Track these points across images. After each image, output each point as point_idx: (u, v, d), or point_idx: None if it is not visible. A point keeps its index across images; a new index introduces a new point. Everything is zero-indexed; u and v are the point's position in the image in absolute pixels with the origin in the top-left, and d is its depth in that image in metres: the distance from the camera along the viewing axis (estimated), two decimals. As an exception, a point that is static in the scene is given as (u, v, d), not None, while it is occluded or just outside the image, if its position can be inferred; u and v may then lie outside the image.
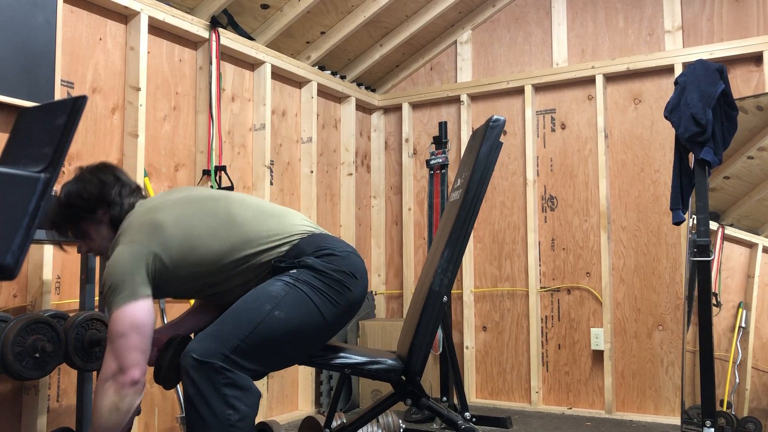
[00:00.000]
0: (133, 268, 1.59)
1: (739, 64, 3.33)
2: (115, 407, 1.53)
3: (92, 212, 1.74)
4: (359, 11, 3.57)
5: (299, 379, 3.53)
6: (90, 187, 1.75)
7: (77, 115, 1.38)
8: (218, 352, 1.49)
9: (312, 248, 1.67)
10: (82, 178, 1.78)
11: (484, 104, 4.00)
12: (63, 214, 1.76)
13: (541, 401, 3.67)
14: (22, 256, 1.20)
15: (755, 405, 2.85)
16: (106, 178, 1.77)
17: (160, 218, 1.66)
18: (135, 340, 1.55)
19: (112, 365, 1.54)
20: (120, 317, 1.55)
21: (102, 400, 1.53)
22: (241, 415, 1.47)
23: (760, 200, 3.02)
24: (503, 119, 1.84)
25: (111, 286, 1.58)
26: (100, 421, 1.54)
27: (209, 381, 1.47)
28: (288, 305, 1.58)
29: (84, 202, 1.73)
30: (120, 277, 1.58)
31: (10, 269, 1.18)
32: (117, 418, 1.53)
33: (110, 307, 1.58)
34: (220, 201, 1.73)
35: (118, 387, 1.52)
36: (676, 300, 3.40)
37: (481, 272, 3.93)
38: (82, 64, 2.59)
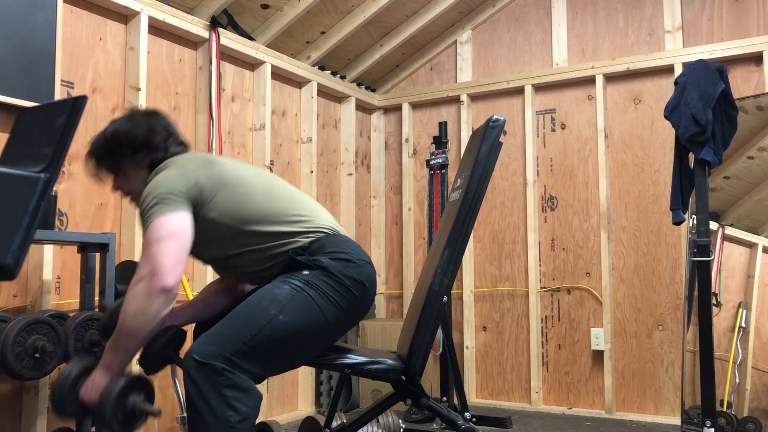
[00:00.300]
0: (177, 187, 1.62)
1: (739, 64, 3.33)
2: (141, 310, 1.51)
3: (134, 153, 1.76)
4: (359, 11, 3.57)
5: (299, 379, 3.53)
6: (137, 129, 1.76)
7: (77, 115, 1.38)
8: (219, 354, 1.49)
9: (331, 248, 1.67)
10: (132, 118, 1.80)
11: (484, 104, 4.00)
12: (105, 148, 1.77)
13: (541, 401, 3.67)
14: (22, 256, 1.20)
15: (755, 405, 2.85)
16: (155, 123, 1.79)
17: (215, 159, 1.74)
18: (172, 246, 1.54)
19: (145, 270, 1.51)
20: (159, 224, 1.55)
21: (129, 302, 1.52)
22: (241, 417, 1.47)
23: (760, 200, 3.02)
24: (503, 119, 1.83)
25: (151, 200, 1.58)
26: (124, 322, 1.52)
27: (210, 382, 1.47)
28: (293, 309, 1.57)
29: (128, 143, 1.75)
30: (163, 191, 1.59)
31: (10, 269, 1.18)
32: (142, 321, 1.51)
33: (149, 219, 1.57)
34: (265, 173, 1.80)
35: (148, 291, 1.50)
36: (676, 300, 3.40)
37: (481, 272, 3.93)
38: (82, 64, 2.59)
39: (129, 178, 1.78)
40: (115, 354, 1.56)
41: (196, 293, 2.93)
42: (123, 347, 1.55)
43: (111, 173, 1.80)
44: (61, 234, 2.20)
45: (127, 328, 1.53)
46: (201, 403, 1.46)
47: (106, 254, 2.19)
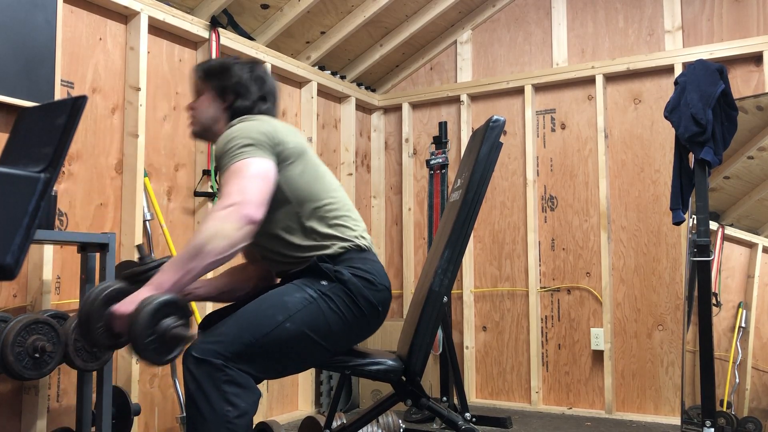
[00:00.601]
0: (267, 137, 1.64)
1: (739, 64, 3.33)
2: (222, 233, 1.44)
3: (224, 90, 1.80)
4: (359, 11, 3.57)
5: (299, 379, 3.53)
6: (243, 72, 1.81)
7: (77, 115, 1.38)
8: (219, 353, 1.48)
9: (357, 264, 1.67)
10: (246, 63, 1.85)
11: (484, 104, 4.00)
12: (210, 70, 1.83)
13: (541, 401, 3.67)
14: (22, 256, 1.20)
15: (755, 405, 2.85)
16: (259, 78, 1.83)
17: (297, 131, 1.79)
18: (263, 186, 1.55)
19: (233, 198, 1.47)
20: (251, 164, 1.56)
21: (210, 222, 1.45)
22: (239, 412, 1.47)
23: (760, 200, 3.02)
24: (503, 120, 1.83)
25: (243, 140, 1.60)
26: (198, 241, 1.43)
27: (210, 378, 1.47)
28: (301, 319, 1.56)
29: (227, 78, 1.80)
30: (255, 135, 1.62)
31: (10, 269, 1.18)
32: (219, 244, 1.43)
33: (239, 156, 1.56)
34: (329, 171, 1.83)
35: (237, 216, 1.45)
36: (676, 300, 3.40)
37: (481, 272, 3.93)
38: (82, 64, 2.59)
39: (208, 107, 1.82)
40: (174, 273, 1.44)
41: (196, 293, 2.93)
42: (187, 267, 1.44)
43: (198, 93, 1.85)
44: (61, 234, 2.20)
45: (199, 246, 1.43)
46: (200, 398, 1.46)
47: (105, 254, 2.19)
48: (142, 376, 2.73)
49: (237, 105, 1.79)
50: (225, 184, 1.54)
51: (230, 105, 1.80)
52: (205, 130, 1.84)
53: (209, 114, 1.81)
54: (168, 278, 1.44)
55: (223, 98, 1.81)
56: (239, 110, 1.79)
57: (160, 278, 1.44)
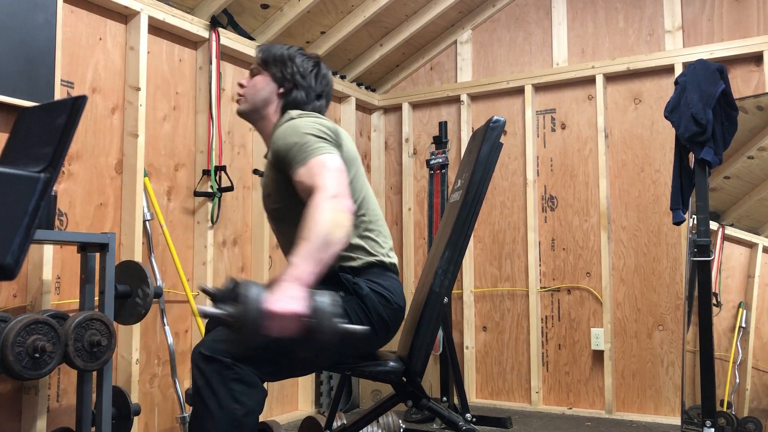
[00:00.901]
0: (334, 135, 1.66)
1: (739, 64, 3.32)
2: (340, 223, 1.43)
3: (282, 78, 1.80)
4: (359, 11, 3.57)
5: (299, 379, 3.53)
6: (306, 65, 1.81)
7: (77, 115, 1.38)
8: (227, 353, 1.47)
9: (378, 279, 1.66)
10: (311, 57, 1.85)
11: (484, 104, 4.00)
12: (274, 54, 1.82)
13: (541, 401, 3.67)
14: (22, 256, 1.20)
15: (755, 405, 2.85)
16: (321, 74, 1.83)
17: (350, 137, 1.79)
18: (345, 180, 1.56)
19: (333, 188, 1.47)
20: (333, 159, 1.56)
21: (328, 212, 1.42)
22: (246, 411, 1.46)
23: (760, 200, 3.01)
24: (503, 120, 1.83)
25: (319, 132, 1.61)
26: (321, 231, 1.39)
27: (218, 375, 1.46)
28: None
29: (290, 66, 1.80)
30: (326, 132, 1.63)
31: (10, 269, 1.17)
32: (342, 233, 1.42)
33: (319, 149, 1.57)
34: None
35: (342, 206, 1.46)
36: (677, 300, 3.40)
37: (481, 272, 3.92)
38: (82, 64, 2.59)
39: (262, 88, 1.81)
40: (309, 265, 1.37)
41: (195, 293, 2.93)
42: (318, 257, 1.38)
43: (254, 73, 1.84)
44: (61, 234, 2.20)
45: (326, 236, 1.39)
46: (208, 395, 1.45)
47: (105, 254, 2.19)
48: (142, 376, 2.73)
49: (293, 95, 1.79)
50: (315, 176, 1.51)
51: (286, 93, 1.79)
52: (253, 111, 1.82)
53: (262, 95, 1.81)
54: (305, 271, 1.36)
55: (281, 84, 1.80)
56: (294, 101, 1.79)
57: (297, 272, 1.35)
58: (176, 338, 2.89)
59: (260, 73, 1.83)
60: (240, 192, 3.25)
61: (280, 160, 1.64)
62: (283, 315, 1.29)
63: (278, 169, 1.67)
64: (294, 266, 1.37)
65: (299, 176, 1.56)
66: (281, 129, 1.67)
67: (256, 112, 1.83)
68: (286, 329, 1.30)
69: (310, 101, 1.80)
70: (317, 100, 1.82)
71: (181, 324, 2.93)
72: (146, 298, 2.33)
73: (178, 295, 2.89)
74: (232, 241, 3.19)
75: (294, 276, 1.35)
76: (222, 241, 3.13)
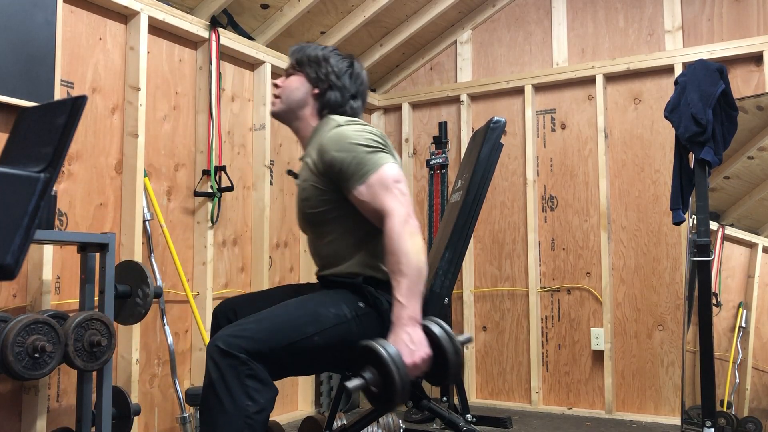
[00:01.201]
0: (384, 144, 1.66)
1: (739, 64, 3.32)
2: (421, 247, 1.52)
3: (317, 78, 1.78)
4: (359, 11, 3.57)
5: (299, 379, 3.53)
6: (341, 65, 1.80)
7: (77, 115, 1.38)
8: (244, 349, 1.48)
9: None
10: (345, 56, 1.83)
11: (484, 104, 4.00)
12: (308, 55, 1.81)
13: (541, 401, 3.67)
14: (22, 256, 1.20)
15: (755, 405, 2.85)
16: (357, 75, 1.82)
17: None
18: (406, 190, 1.59)
19: (402, 208, 1.53)
20: (391, 170, 1.58)
21: (411, 239, 1.50)
22: (259, 408, 1.46)
23: (760, 200, 3.01)
24: (504, 120, 1.83)
25: (376, 143, 1.62)
26: (415, 262, 1.49)
27: (234, 370, 1.46)
28: (330, 336, 1.56)
29: (325, 66, 1.79)
30: (382, 142, 1.64)
31: (10, 269, 1.17)
32: (424, 258, 1.52)
33: (381, 160, 1.59)
34: None
35: (415, 229, 1.53)
36: (676, 300, 3.40)
37: (481, 272, 3.92)
38: (82, 64, 2.59)
39: (297, 88, 1.80)
40: (415, 301, 1.49)
41: (195, 293, 2.93)
42: (418, 291, 1.50)
43: (288, 74, 1.83)
44: (61, 234, 2.20)
45: (418, 269, 1.50)
46: (222, 390, 1.45)
47: (105, 254, 2.19)
48: (142, 376, 2.73)
49: (329, 96, 1.78)
50: (380, 197, 1.56)
51: (321, 94, 1.78)
52: (288, 112, 1.81)
53: (297, 96, 1.79)
54: (415, 308, 1.48)
55: (316, 85, 1.78)
56: (330, 103, 1.78)
57: (409, 312, 1.48)
58: (176, 338, 2.89)
59: (295, 73, 1.81)
60: (240, 192, 3.25)
61: (333, 173, 1.63)
62: (421, 364, 1.44)
63: (324, 176, 1.66)
64: (403, 307, 1.47)
65: (360, 194, 1.59)
66: (329, 137, 1.66)
67: (291, 113, 1.81)
68: (423, 370, 1.46)
69: (346, 102, 1.79)
70: (352, 100, 1.80)
71: (181, 324, 2.93)
72: (146, 298, 2.33)
73: (178, 295, 2.89)
74: (232, 241, 3.19)
75: (408, 317, 1.47)
76: (222, 241, 3.13)
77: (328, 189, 1.66)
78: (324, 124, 1.75)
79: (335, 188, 1.65)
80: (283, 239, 3.51)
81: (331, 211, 1.68)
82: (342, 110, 1.78)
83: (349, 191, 1.61)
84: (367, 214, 1.61)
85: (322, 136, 1.70)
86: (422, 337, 1.47)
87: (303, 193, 1.74)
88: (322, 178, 1.67)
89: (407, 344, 1.45)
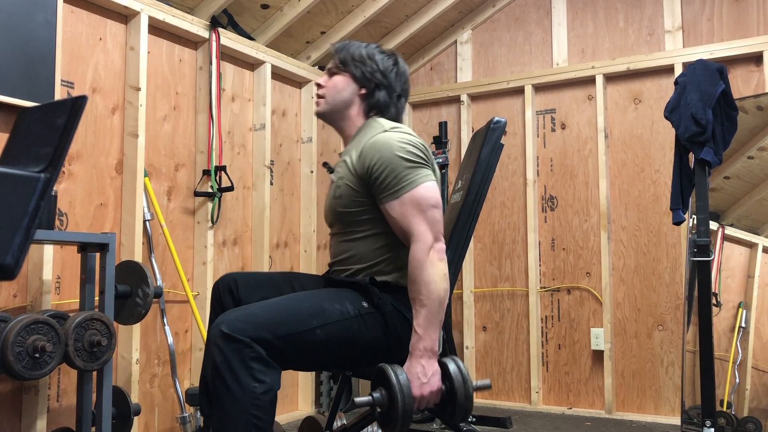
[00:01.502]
0: (429, 157, 1.65)
1: (739, 64, 3.32)
2: (443, 274, 1.53)
3: (364, 78, 1.76)
4: (359, 11, 3.57)
5: (299, 379, 3.53)
6: (388, 63, 1.78)
7: (77, 115, 1.38)
8: (247, 333, 1.48)
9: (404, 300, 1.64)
10: (390, 54, 1.81)
11: (484, 104, 4.00)
12: (353, 54, 1.78)
13: (541, 401, 3.67)
14: (22, 257, 1.20)
15: (755, 405, 2.85)
16: (403, 73, 1.81)
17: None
18: (440, 215, 1.59)
19: (429, 234, 1.54)
20: (432, 189, 1.58)
21: (433, 268, 1.52)
22: (266, 388, 1.47)
23: (760, 200, 3.01)
24: (504, 121, 1.84)
25: (417, 157, 1.61)
26: (437, 291, 1.51)
27: (238, 353, 1.46)
28: (332, 331, 1.57)
29: (371, 65, 1.76)
30: (425, 156, 1.63)
31: (10, 269, 1.17)
32: (447, 285, 1.54)
33: (420, 179, 1.58)
34: None
35: (440, 255, 1.54)
36: (676, 300, 3.40)
37: (481, 272, 3.92)
38: (82, 64, 2.59)
39: (343, 89, 1.77)
40: (433, 332, 1.51)
41: (195, 293, 2.93)
42: (437, 321, 1.52)
43: (332, 73, 1.80)
44: (61, 234, 2.20)
45: (439, 299, 1.51)
46: (227, 373, 1.46)
47: (105, 254, 2.19)
48: (142, 376, 2.73)
49: (376, 96, 1.76)
50: (410, 219, 1.56)
51: (369, 94, 1.76)
52: (333, 112, 1.79)
53: (343, 97, 1.77)
54: (433, 339, 1.51)
55: (363, 85, 1.76)
56: (378, 104, 1.76)
57: (426, 343, 1.50)
58: (176, 338, 2.89)
59: (339, 73, 1.79)
60: (240, 192, 3.25)
61: (370, 179, 1.63)
62: (429, 397, 1.48)
63: (361, 179, 1.66)
64: (420, 338, 1.50)
65: (391, 209, 1.59)
66: (372, 143, 1.64)
67: (336, 113, 1.79)
68: (430, 403, 1.49)
69: (393, 101, 1.78)
70: (398, 100, 1.79)
71: (181, 324, 2.93)
72: (146, 298, 2.33)
73: (178, 295, 2.89)
74: (232, 241, 3.19)
75: (423, 349, 1.49)
76: (222, 241, 3.13)
77: (362, 192, 1.66)
78: (368, 126, 1.74)
79: (369, 193, 1.65)
80: (283, 239, 3.51)
81: (361, 213, 1.68)
82: (388, 110, 1.77)
83: (382, 203, 1.61)
84: (395, 229, 1.62)
85: (366, 139, 1.68)
86: (436, 372, 1.49)
87: (337, 191, 1.73)
88: (358, 180, 1.66)
89: (419, 376, 1.48)
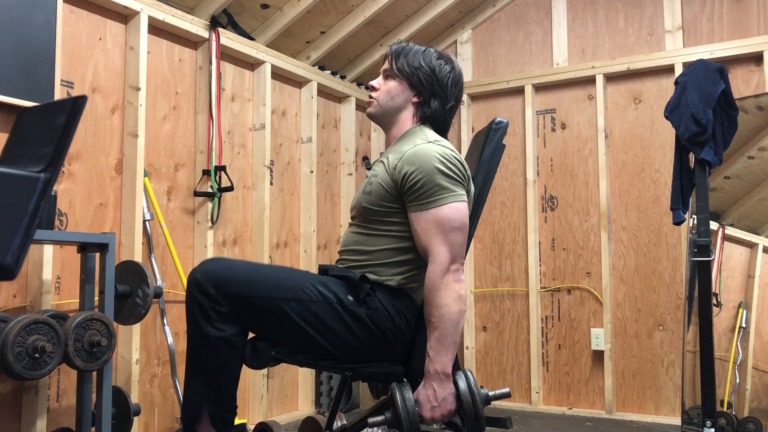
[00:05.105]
0: (466, 176, 1.64)
1: (740, 64, 3.32)
2: (458, 296, 1.53)
3: (420, 85, 1.73)
4: (359, 11, 3.56)
5: (299, 379, 3.53)
6: (445, 72, 1.75)
7: (77, 115, 1.38)
8: (216, 285, 1.50)
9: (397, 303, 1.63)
10: (447, 60, 1.77)
11: (485, 104, 4.00)
12: (411, 61, 1.75)
13: (541, 401, 3.67)
14: (22, 257, 1.20)
15: (755, 405, 2.85)
16: (458, 81, 1.77)
17: None
18: (463, 238, 1.58)
19: (447, 256, 1.54)
20: (459, 210, 1.57)
21: (446, 290, 1.52)
22: (222, 335, 1.50)
23: (760, 200, 3.01)
24: (506, 121, 1.83)
25: (454, 174, 1.60)
26: (452, 314, 1.51)
27: (199, 303, 1.50)
28: (306, 308, 1.55)
29: (425, 71, 1.74)
30: (461, 173, 1.62)
31: (10, 269, 1.17)
32: (462, 307, 1.53)
33: (450, 197, 1.57)
34: None
35: (456, 277, 1.54)
36: (677, 300, 3.40)
37: (482, 272, 3.92)
38: (82, 64, 2.58)
39: (397, 95, 1.76)
40: (448, 353, 1.52)
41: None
42: (453, 342, 1.52)
43: (387, 75, 1.79)
44: (61, 234, 2.20)
45: (454, 321, 1.51)
46: (190, 316, 1.52)
47: (105, 254, 2.19)
48: (142, 376, 2.73)
49: (432, 106, 1.74)
50: (432, 237, 1.55)
51: (423, 102, 1.74)
52: (385, 116, 1.78)
53: (397, 102, 1.76)
54: (444, 363, 1.51)
55: (418, 93, 1.74)
56: (432, 114, 1.74)
57: (436, 366, 1.51)
58: (176, 338, 2.89)
59: (395, 77, 1.77)
60: (240, 192, 3.25)
61: (404, 185, 1.62)
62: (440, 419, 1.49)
63: (395, 182, 1.64)
64: (431, 360, 1.51)
65: (416, 221, 1.59)
66: (414, 151, 1.62)
67: (387, 117, 1.78)
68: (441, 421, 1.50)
69: (445, 110, 1.75)
70: (451, 110, 1.77)
71: (181, 324, 2.93)
72: (146, 298, 2.33)
73: (178, 295, 2.89)
74: (232, 241, 3.19)
75: (434, 372, 1.50)
76: (222, 241, 3.13)
77: (393, 195, 1.65)
78: (413, 133, 1.72)
79: (400, 197, 1.64)
80: (283, 239, 3.51)
81: (387, 214, 1.67)
82: (438, 119, 1.75)
83: (410, 210, 1.61)
84: (416, 239, 1.61)
85: (409, 146, 1.66)
86: (448, 395, 1.50)
87: (369, 186, 1.72)
88: (393, 183, 1.65)
89: (430, 400, 1.49)
